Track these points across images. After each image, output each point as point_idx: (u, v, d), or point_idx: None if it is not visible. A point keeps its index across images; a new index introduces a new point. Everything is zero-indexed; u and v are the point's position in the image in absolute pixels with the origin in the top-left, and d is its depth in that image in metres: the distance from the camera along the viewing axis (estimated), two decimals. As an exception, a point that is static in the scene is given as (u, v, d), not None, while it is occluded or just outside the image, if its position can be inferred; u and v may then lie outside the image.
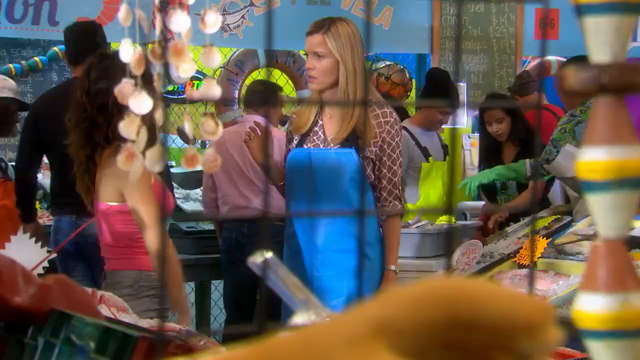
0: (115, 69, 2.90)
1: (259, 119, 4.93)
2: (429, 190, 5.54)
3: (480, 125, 5.87)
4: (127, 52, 1.61)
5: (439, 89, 5.56)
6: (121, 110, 1.66)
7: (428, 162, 5.58)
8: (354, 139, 3.66)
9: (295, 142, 3.80)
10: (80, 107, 3.34)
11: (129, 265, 3.37)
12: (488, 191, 5.58)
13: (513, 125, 5.54)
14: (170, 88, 7.15)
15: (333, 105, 3.87)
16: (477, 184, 4.92)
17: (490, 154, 5.69)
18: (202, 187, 6.02)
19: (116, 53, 1.67)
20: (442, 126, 6.14)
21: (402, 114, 5.86)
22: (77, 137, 3.35)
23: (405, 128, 5.14)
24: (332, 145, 3.69)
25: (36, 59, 6.37)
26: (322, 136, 3.72)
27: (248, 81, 7.47)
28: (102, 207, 3.35)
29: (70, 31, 4.80)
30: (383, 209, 3.79)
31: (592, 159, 0.89)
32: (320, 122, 3.75)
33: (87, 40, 4.63)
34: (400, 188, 3.78)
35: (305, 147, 3.74)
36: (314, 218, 3.69)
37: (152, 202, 3.22)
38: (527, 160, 4.86)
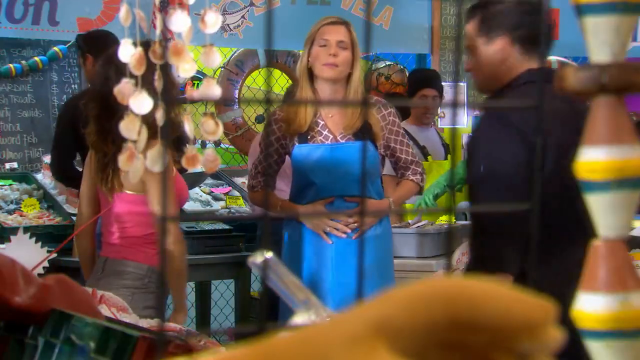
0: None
1: None
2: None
3: None
4: (127, 52, 1.61)
5: (419, 81, 5.69)
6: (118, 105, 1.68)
7: (427, 161, 5.58)
8: (363, 133, 3.71)
9: (292, 141, 3.76)
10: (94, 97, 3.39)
11: (141, 258, 3.37)
12: None
13: None
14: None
15: (332, 105, 3.88)
16: (432, 195, 5.00)
17: None
18: (201, 187, 6.04)
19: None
20: (441, 126, 6.14)
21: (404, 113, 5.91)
22: (92, 127, 3.39)
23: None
24: (342, 139, 3.71)
25: (36, 59, 6.35)
26: (330, 135, 3.72)
27: (248, 81, 7.46)
28: (127, 197, 3.37)
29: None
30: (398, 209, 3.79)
31: (592, 159, 0.89)
32: (322, 122, 3.74)
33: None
34: (423, 168, 3.86)
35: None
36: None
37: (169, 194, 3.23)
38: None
